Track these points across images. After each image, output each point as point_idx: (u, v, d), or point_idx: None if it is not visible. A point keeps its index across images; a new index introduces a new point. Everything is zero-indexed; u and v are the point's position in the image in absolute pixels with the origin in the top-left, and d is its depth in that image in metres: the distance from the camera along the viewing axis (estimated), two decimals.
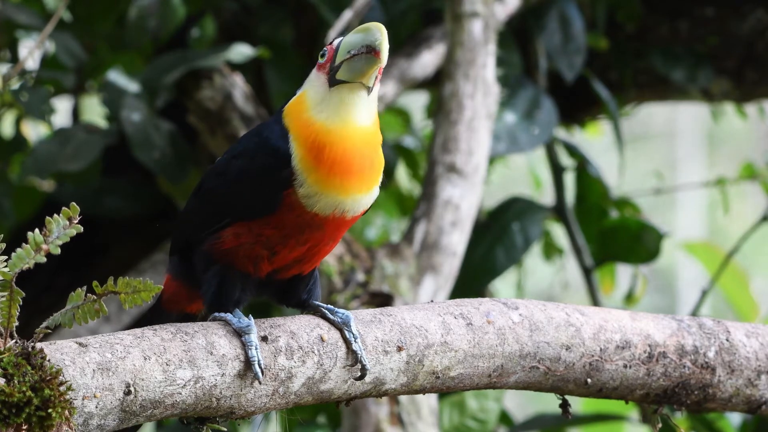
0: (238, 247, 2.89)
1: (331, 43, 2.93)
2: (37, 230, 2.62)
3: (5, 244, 2.64)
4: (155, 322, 2.87)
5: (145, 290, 2.69)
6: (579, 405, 5.68)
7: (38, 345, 2.61)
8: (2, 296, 2.64)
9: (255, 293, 2.98)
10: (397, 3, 5.23)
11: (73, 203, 2.63)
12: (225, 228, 2.89)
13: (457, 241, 4.68)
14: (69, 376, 2.61)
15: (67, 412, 2.58)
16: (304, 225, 2.88)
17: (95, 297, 2.69)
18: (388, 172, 5.45)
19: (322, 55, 2.91)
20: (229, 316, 2.85)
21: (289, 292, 3.00)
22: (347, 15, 4.70)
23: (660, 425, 3.24)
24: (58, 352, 2.64)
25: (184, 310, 3.10)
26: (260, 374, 2.79)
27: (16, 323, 2.66)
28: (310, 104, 2.89)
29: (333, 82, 2.88)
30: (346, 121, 2.87)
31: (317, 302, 2.98)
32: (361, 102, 2.88)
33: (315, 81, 2.91)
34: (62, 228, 2.62)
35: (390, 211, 5.56)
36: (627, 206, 5.57)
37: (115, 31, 5.15)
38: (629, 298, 5.66)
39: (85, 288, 2.70)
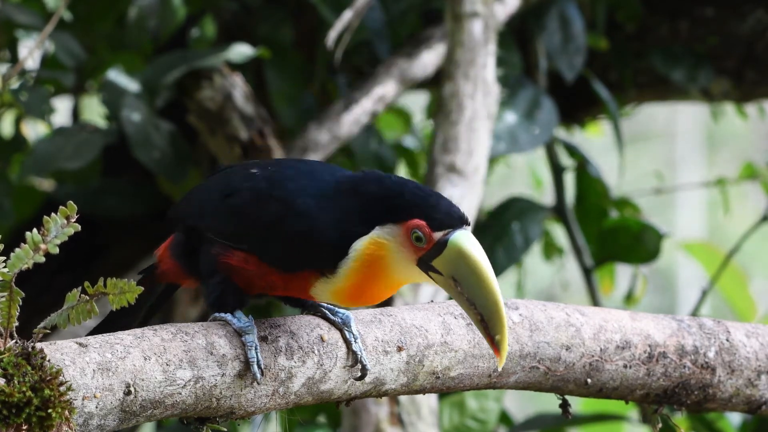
0: (242, 270, 2.88)
1: (430, 229, 2.82)
2: (35, 230, 2.61)
3: (2, 245, 2.63)
4: (145, 290, 2.82)
5: (130, 291, 2.69)
6: (579, 405, 5.67)
7: (38, 345, 2.61)
8: (2, 296, 2.64)
9: (258, 297, 2.99)
10: (397, 3, 5.22)
11: (71, 202, 2.63)
12: (239, 249, 2.89)
13: None
14: (69, 376, 2.61)
15: (67, 412, 2.57)
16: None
17: (88, 298, 2.69)
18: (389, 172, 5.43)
19: (418, 239, 2.82)
20: (229, 316, 2.85)
21: None
22: (347, 15, 4.69)
23: (660, 425, 3.24)
24: (58, 352, 2.64)
25: (177, 283, 3.11)
26: (258, 375, 2.79)
27: (16, 323, 2.66)
28: (388, 252, 2.82)
29: (424, 267, 2.83)
30: (404, 284, 2.92)
31: (318, 302, 2.98)
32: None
33: (400, 245, 2.83)
34: (60, 227, 2.61)
35: None
36: (627, 206, 5.56)
37: (115, 31, 5.14)
38: (629, 298, 5.65)
39: (80, 289, 2.70)
